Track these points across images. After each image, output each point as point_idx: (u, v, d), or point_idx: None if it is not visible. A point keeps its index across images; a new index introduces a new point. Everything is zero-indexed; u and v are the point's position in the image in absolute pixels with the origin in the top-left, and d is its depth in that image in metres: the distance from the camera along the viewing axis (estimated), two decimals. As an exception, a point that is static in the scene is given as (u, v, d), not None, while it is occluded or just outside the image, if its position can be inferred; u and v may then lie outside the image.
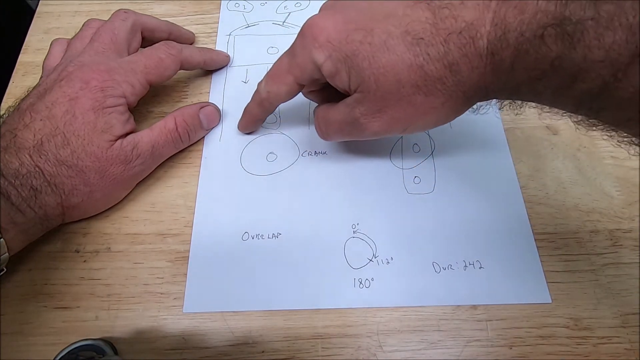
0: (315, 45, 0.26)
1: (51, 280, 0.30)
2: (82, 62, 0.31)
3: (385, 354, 0.28)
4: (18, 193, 0.27)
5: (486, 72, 0.23)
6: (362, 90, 0.25)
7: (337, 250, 0.31)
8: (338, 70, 0.26)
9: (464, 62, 0.23)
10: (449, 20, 0.23)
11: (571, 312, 0.28)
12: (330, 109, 0.29)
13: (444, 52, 0.23)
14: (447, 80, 0.24)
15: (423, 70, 0.24)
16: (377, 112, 0.26)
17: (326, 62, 0.26)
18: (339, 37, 0.25)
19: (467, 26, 0.22)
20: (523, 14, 0.20)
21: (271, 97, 0.30)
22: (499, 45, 0.22)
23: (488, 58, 0.22)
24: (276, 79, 0.29)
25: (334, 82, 0.27)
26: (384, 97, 0.25)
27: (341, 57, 0.25)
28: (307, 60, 0.27)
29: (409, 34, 0.24)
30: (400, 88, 0.24)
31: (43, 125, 0.29)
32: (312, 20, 0.26)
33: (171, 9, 0.43)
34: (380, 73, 0.24)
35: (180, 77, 0.39)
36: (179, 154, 0.35)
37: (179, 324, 0.29)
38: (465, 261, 0.30)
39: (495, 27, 0.22)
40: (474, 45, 0.22)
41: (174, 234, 0.32)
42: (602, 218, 0.31)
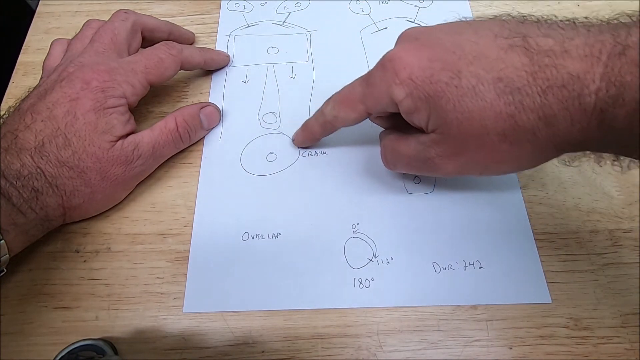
0: (395, 81, 0.24)
1: (51, 280, 0.30)
2: (82, 62, 0.31)
3: (385, 354, 0.28)
4: (19, 194, 0.27)
5: (590, 128, 0.21)
6: (441, 132, 0.24)
7: (337, 250, 0.31)
8: (417, 109, 0.24)
9: (564, 116, 0.21)
10: (549, 70, 0.21)
11: (571, 312, 0.28)
12: (401, 141, 0.27)
13: (541, 103, 0.21)
14: (540, 132, 0.22)
15: (513, 119, 0.22)
16: (454, 155, 0.25)
17: (406, 100, 0.24)
18: (422, 75, 0.24)
19: (571, 79, 0.20)
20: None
21: (337, 121, 0.29)
22: (611, 102, 0.19)
23: (595, 115, 0.20)
24: (346, 105, 0.28)
25: (410, 119, 0.25)
26: (464, 142, 0.24)
27: (423, 96, 0.24)
28: (384, 94, 0.25)
29: (502, 81, 0.22)
30: (485, 135, 0.23)
31: (44, 126, 0.29)
32: (394, 53, 0.25)
33: (171, 9, 0.43)
34: (465, 118, 0.23)
35: (180, 77, 0.39)
36: (179, 154, 0.35)
37: (179, 324, 0.29)
38: (465, 261, 0.30)
39: (607, 83, 0.19)
40: (579, 100, 0.20)
41: (174, 234, 0.32)
42: (602, 218, 0.31)
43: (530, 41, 0.22)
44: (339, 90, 0.29)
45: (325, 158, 0.34)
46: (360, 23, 0.41)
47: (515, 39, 0.22)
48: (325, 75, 0.38)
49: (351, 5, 0.42)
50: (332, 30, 0.41)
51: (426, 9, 0.41)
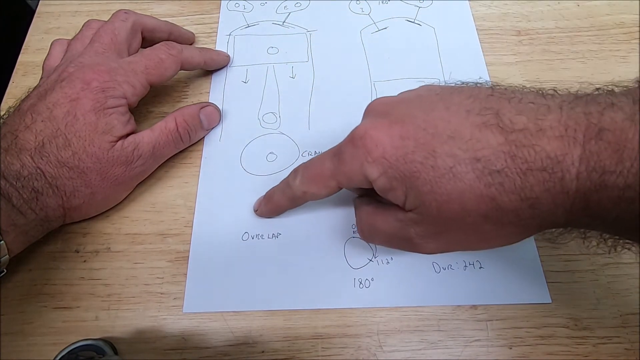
0: (368, 160, 0.23)
1: (51, 280, 0.30)
2: (82, 62, 0.31)
3: (385, 354, 0.28)
4: (19, 195, 0.27)
5: (574, 211, 0.20)
6: (420, 212, 0.23)
7: (337, 250, 0.31)
8: (393, 188, 0.23)
9: (546, 199, 0.20)
10: (527, 150, 0.20)
11: (571, 312, 0.28)
12: (378, 216, 0.26)
13: (522, 185, 0.20)
14: (523, 213, 0.21)
15: (495, 202, 0.21)
16: (436, 235, 0.24)
17: (380, 178, 0.23)
18: (396, 153, 0.23)
19: (550, 161, 0.20)
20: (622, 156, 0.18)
21: (307, 196, 0.28)
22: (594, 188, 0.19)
23: (578, 199, 0.20)
24: (316, 182, 0.27)
25: (387, 197, 0.24)
26: (445, 224, 0.23)
27: (398, 175, 0.23)
28: (356, 171, 0.24)
29: (480, 162, 0.21)
30: (467, 217, 0.22)
31: (44, 126, 0.29)
32: (364, 130, 0.24)
33: (171, 9, 0.43)
34: (444, 200, 0.22)
35: (180, 77, 0.39)
36: (179, 154, 0.35)
37: (179, 324, 0.29)
38: (465, 261, 0.30)
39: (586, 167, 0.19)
40: (561, 184, 0.20)
41: (174, 234, 0.32)
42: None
43: (503, 119, 0.21)
44: (307, 164, 0.28)
45: (325, 158, 0.34)
46: (360, 23, 0.41)
47: (488, 116, 0.21)
48: (325, 75, 0.38)
49: (351, 5, 0.42)
50: (332, 30, 0.41)
51: (426, 9, 0.41)
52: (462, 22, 0.40)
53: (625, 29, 0.39)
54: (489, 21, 0.40)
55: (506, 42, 0.39)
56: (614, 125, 0.18)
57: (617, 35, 0.39)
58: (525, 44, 0.39)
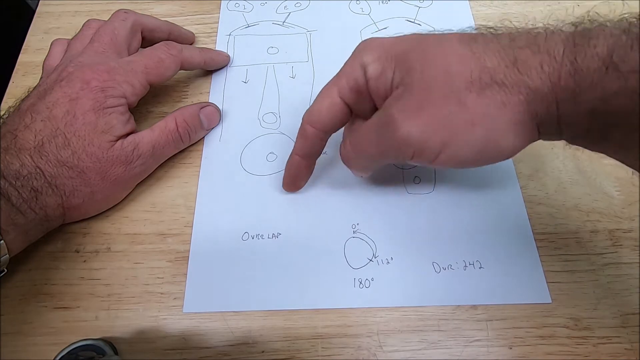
0: (366, 49, 0.26)
1: (51, 280, 0.30)
2: (82, 62, 0.31)
3: (385, 354, 0.28)
4: (19, 194, 0.27)
5: (562, 77, 0.19)
6: (404, 82, 0.24)
7: (337, 250, 0.31)
8: (384, 70, 0.25)
9: (534, 60, 0.20)
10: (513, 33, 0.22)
11: (571, 312, 0.28)
12: (361, 121, 0.28)
13: (509, 46, 0.21)
14: (509, 77, 0.20)
15: (479, 62, 0.21)
16: (418, 110, 0.23)
17: (374, 63, 0.25)
18: (390, 41, 0.26)
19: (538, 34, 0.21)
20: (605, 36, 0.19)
21: (313, 116, 0.28)
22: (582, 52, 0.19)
23: (566, 63, 0.19)
24: (320, 96, 0.28)
25: (376, 85, 0.25)
26: (427, 90, 0.22)
27: (390, 56, 0.25)
28: (354, 64, 0.26)
29: (466, 37, 0.23)
30: (450, 81, 0.22)
31: (44, 126, 0.29)
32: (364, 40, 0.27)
33: (171, 9, 0.43)
34: (428, 64, 0.23)
35: (180, 77, 0.39)
36: (179, 154, 0.35)
37: (179, 324, 0.29)
38: (465, 261, 0.30)
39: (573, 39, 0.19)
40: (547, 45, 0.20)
41: (174, 234, 0.32)
42: (602, 218, 0.31)
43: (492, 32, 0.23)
44: None
45: (325, 158, 0.34)
46: (360, 23, 0.41)
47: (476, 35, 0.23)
48: (325, 75, 0.37)
49: (351, 5, 0.42)
50: (332, 30, 0.41)
51: (426, 9, 0.41)
52: (462, 22, 0.40)
53: (625, 29, 0.39)
54: (489, 21, 0.40)
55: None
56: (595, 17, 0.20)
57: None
58: None
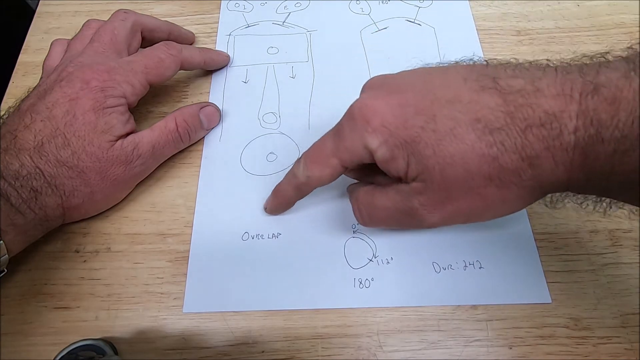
0: (368, 130, 0.23)
1: (51, 280, 0.30)
2: (82, 62, 0.31)
3: (385, 354, 0.28)
4: (18, 194, 0.27)
5: (573, 169, 0.20)
6: (423, 179, 0.23)
7: (337, 250, 0.31)
8: (394, 157, 0.23)
9: (546, 156, 0.20)
10: (525, 109, 0.21)
11: (571, 312, 0.28)
12: (377, 193, 0.26)
13: (522, 144, 0.21)
14: (525, 173, 0.21)
15: (497, 162, 0.21)
16: (440, 204, 0.23)
17: (381, 148, 0.23)
18: (395, 121, 0.23)
19: (548, 118, 0.20)
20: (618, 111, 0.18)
21: (312, 181, 0.27)
22: (591, 142, 0.19)
23: (577, 154, 0.20)
24: (319, 163, 0.26)
25: (388, 168, 0.24)
26: (449, 189, 0.23)
27: (399, 143, 0.23)
28: (357, 144, 0.24)
29: (480, 122, 0.21)
30: (470, 180, 0.22)
31: (43, 126, 0.29)
32: (362, 102, 0.24)
33: (171, 9, 0.43)
34: (447, 163, 0.22)
35: (180, 77, 0.39)
36: (179, 154, 0.35)
37: (179, 324, 0.29)
38: (465, 261, 0.30)
39: (584, 121, 0.19)
40: (559, 139, 0.20)
41: (174, 234, 0.32)
42: (602, 218, 0.31)
43: (500, 82, 0.21)
44: (309, 148, 0.28)
45: (325, 158, 0.34)
46: (360, 23, 0.41)
47: (486, 81, 0.22)
48: (325, 75, 0.38)
49: (351, 5, 0.42)
50: (332, 30, 0.41)
51: (426, 9, 0.41)
52: (462, 22, 0.40)
53: (625, 29, 0.39)
54: (489, 21, 0.40)
55: (506, 42, 0.39)
56: (609, 82, 0.19)
57: (617, 35, 0.39)
58: (525, 44, 0.39)
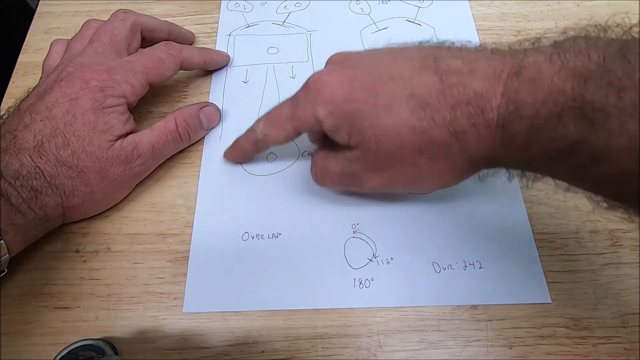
0: (318, 101, 0.26)
1: (51, 280, 0.30)
2: (81, 62, 0.31)
3: (385, 354, 0.28)
4: (18, 194, 0.27)
5: (495, 144, 0.22)
6: (362, 148, 0.25)
7: (337, 250, 0.31)
8: (338, 127, 0.25)
9: (472, 132, 0.22)
10: (456, 88, 0.22)
11: (571, 312, 0.28)
12: (330, 157, 0.28)
13: (450, 119, 0.23)
14: (452, 147, 0.23)
15: (427, 134, 0.23)
16: (378, 170, 0.26)
17: (327, 119, 0.26)
18: (342, 95, 0.25)
19: (475, 96, 0.22)
20: (536, 90, 0.20)
21: (267, 140, 0.30)
22: (511, 119, 0.21)
23: (498, 130, 0.22)
24: (275, 125, 0.29)
25: (334, 137, 0.26)
26: (384, 158, 0.25)
27: (342, 114, 0.25)
28: (308, 113, 0.26)
29: (414, 98, 0.23)
30: (402, 150, 0.24)
31: (43, 125, 0.29)
32: (317, 76, 0.26)
33: (171, 9, 0.43)
34: (382, 134, 0.24)
35: (180, 77, 0.39)
36: (179, 154, 0.35)
37: (179, 324, 0.29)
38: (465, 261, 0.30)
39: (506, 100, 0.21)
40: (483, 116, 0.22)
41: (174, 234, 0.32)
42: (602, 218, 0.31)
43: (440, 62, 0.23)
44: (269, 110, 0.30)
45: (325, 158, 0.34)
46: (360, 23, 0.41)
47: (428, 61, 0.24)
48: None
49: (351, 5, 0.42)
50: (332, 30, 0.41)
51: (426, 9, 0.41)
52: (462, 22, 0.40)
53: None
54: (489, 21, 0.40)
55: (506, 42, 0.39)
56: (533, 64, 0.21)
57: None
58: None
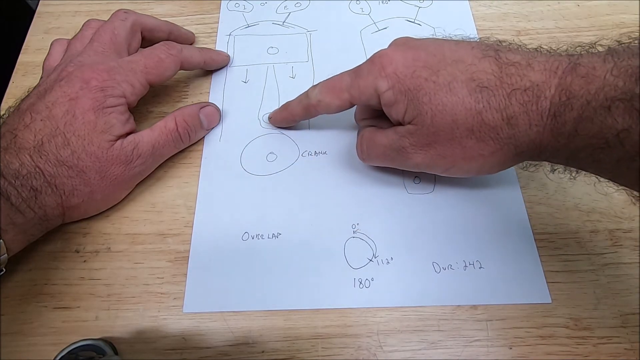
0: (381, 74, 0.27)
1: (51, 280, 0.30)
2: (82, 62, 0.31)
3: (385, 354, 0.28)
4: (18, 194, 0.27)
5: (545, 132, 0.24)
6: (416, 123, 0.27)
7: (337, 250, 0.31)
8: (397, 101, 0.27)
9: (523, 118, 0.24)
10: (514, 78, 0.24)
11: (571, 312, 0.28)
12: (378, 132, 0.30)
13: (505, 104, 0.24)
14: (502, 131, 0.25)
15: (480, 116, 0.25)
16: (426, 146, 0.27)
17: (387, 92, 0.27)
18: (405, 71, 0.27)
19: (532, 86, 0.24)
20: (589, 84, 0.22)
21: (320, 106, 0.31)
22: (562, 108, 0.23)
23: (549, 118, 0.23)
24: (332, 92, 0.30)
25: (390, 111, 0.28)
26: (436, 134, 0.26)
27: (403, 89, 0.26)
28: (369, 85, 0.28)
29: (474, 81, 0.25)
30: (455, 128, 0.26)
31: (43, 125, 0.29)
32: (384, 51, 0.28)
33: (171, 9, 0.43)
34: (438, 110, 0.26)
35: (180, 77, 0.39)
36: (179, 154, 0.35)
37: (179, 324, 0.29)
38: (465, 261, 0.30)
39: (560, 91, 0.23)
40: (537, 104, 0.24)
41: (174, 234, 0.32)
42: (602, 218, 0.31)
43: (501, 55, 0.25)
44: (328, 78, 0.31)
45: (325, 158, 0.34)
46: (360, 23, 0.41)
47: (489, 51, 0.26)
48: (325, 75, 0.38)
49: (351, 5, 0.42)
50: (332, 30, 0.41)
51: (426, 9, 0.41)
52: (462, 22, 0.40)
53: (626, 29, 0.39)
54: (489, 21, 0.40)
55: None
56: (587, 63, 0.22)
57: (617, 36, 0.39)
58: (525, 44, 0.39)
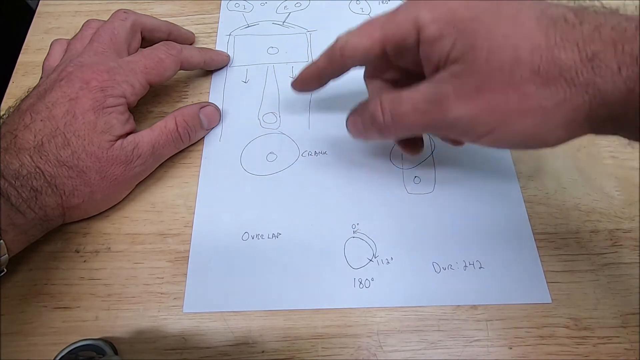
0: (425, 4, 0.22)
1: (51, 280, 0.30)
2: (81, 62, 0.31)
3: (385, 354, 0.28)
4: (18, 194, 0.27)
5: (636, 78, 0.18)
6: (465, 60, 0.21)
7: (337, 250, 0.31)
8: (442, 35, 0.21)
9: (610, 58, 0.18)
10: (597, 16, 0.19)
11: (571, 312, 0.28)
12: (405, 89, 0.24)
13: (585, 40, 0.19)
14: (580, 75, 0.19)
15: (551, 53, 0.19)
16: (474, 92, 0.21)
17: (431, 24, 0.22)
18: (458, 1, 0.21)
19: (620, 23, 0.19)
20: None
21: (346, 50, 0.26)
22: None
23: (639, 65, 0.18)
24: (363, 29, 0.25)
25: (430, 51, 0.22)
26: (490, 74, 0.21)
27: (453, 19, 0.21)
28: (409, 17, 0.22)
29: (546, 15, 0.20)
30: (516, 68, 0.20)
31: (43, 125, 0.29)
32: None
33: (171, 9, 0.43)
34: (499, 44, 0.20)
35: (180, 77, 0.39)
36: (179, 154, 0.35)
37: (179, 324, 0.29)
38: (465, 261, 0.30)
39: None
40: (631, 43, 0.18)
41: (174, 234, 0.32)
42: (602, 218, 0.31)
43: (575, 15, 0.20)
44: None
45: (325, 158, 0.34)
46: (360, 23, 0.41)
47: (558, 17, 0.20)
48: None
49: (351, 5, 0.42)
50: (332, 30, 0.40)
51: (426, 9, 0.41)
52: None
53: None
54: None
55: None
56: None
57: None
58: None
